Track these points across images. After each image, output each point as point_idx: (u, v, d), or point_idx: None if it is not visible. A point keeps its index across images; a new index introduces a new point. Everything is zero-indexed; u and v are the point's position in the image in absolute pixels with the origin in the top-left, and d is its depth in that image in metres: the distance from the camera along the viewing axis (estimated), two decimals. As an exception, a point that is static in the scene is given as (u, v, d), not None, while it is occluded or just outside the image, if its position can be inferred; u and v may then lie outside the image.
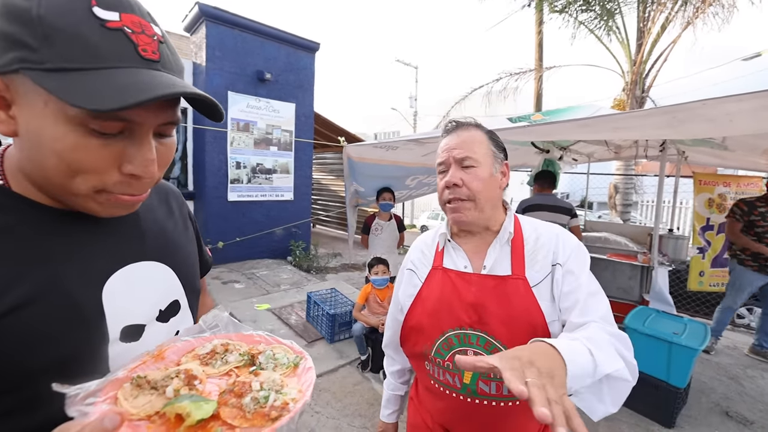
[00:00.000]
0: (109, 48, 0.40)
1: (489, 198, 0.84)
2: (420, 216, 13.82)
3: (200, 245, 0.76)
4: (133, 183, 0.46)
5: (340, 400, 2.50)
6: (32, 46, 0.37)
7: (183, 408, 0.40)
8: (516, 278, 0.81)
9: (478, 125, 0.89)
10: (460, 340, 0.82)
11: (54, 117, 0.39)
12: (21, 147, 0.44)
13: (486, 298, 0.81)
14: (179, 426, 0.39)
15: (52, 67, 0.38)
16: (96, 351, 0.47)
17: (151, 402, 0.42)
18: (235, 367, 0.50)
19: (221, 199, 5.68)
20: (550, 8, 6.90)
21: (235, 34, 5.57)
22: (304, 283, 5.11)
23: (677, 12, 5.79)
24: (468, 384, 0.80)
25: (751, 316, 4.15)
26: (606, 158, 4.64)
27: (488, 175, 0.84)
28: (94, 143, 0.41)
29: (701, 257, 3.30)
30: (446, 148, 0.87)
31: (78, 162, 0.42)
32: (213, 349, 0.52)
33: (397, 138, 3.18)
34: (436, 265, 0.91)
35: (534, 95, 8.05)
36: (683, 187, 3.91)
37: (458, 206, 0.84)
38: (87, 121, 0.40)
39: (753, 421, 2.40)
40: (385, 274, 2.90)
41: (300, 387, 0.47)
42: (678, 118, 1.71)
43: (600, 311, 0.76)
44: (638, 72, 6.19)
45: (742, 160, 3.34)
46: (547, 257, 0.82)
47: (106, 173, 0.44)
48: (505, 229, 0.86)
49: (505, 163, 0.89)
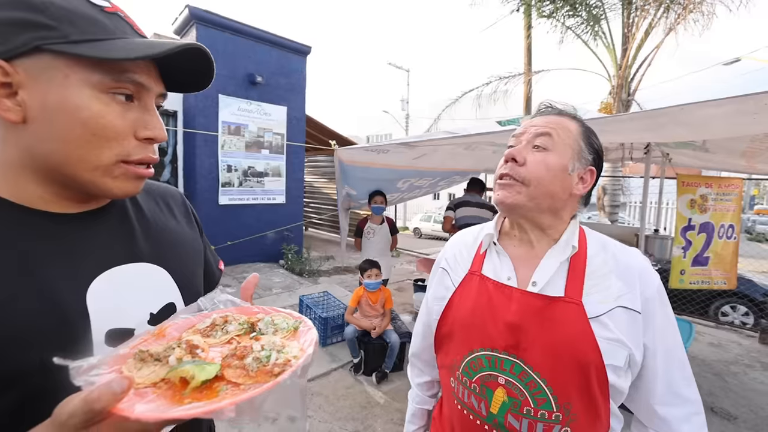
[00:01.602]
0: (113, 25, 0.45)
1: (548, 193, 0.69)
2: (412, 218, 13.86)
3: (207, 256, 0.74)
4: (147, 148, 0.50)
5: (332, 404, 2.50)
6: (51, 25, 0.41)
7: (186, 371, 0.41)
8: (569, 302, 0.66)
9: (575, 116, 0.75)
10: (491, 363, 0.69)
11: (78, 86, 0.43)
12: (30, 133, 0.44)
13: (528, 320, 0.67)
14: (185, 390, 0.40)
15: (78, 39, 0.42)
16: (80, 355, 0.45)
17: (155, 371, 0.43)
18: (236, 335, 0.51)
19: (212, 202, 5.64)
20: (538, 13, 7.02)
21: (226, 37, 5.56)
22: (297, 286, 5.09)
23: (660, 18, 5.95)
24: (495, 414, 0.68)
25: (735, 313, 4.26)
26: (593, 160, 4.73)
27: (559, 167, 0.69)
28: (117, 109, 0.45)
29: (682, 256, 3.38)
30: (527, 124, 0.74)
31: (104, 128, 0.45)
32: (213, 322, 0.53)
33: (388, 141, 3.21)
34: (474, 270, 0.78)
35: (524, 98, 8.17)
36: (668, 188, 4.01)
37: (508, 183, 0.70)
38: (109, 86, 0.44)
39: (737, 416, 2.47)
40: (377, 277, 2.92)
41: (301, 346, 0.48)
42: (658, 122, 1.76)
43: (694, 407, 0.68)
44: (624, 76, 6.33)
45: (723, 162, 3.44)
46: (612, 288, 0.67)
47: (126, 139, 0.47)
48: (568, 242, 0.71)
49: (590, 169, 0.73)
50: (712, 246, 3.46)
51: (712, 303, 4.35)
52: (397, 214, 10.02)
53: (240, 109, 5.76)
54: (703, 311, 4.38)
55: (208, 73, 0.53)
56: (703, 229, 3.38)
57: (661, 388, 0.67)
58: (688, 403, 0.68)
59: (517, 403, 0.66)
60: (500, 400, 0.67)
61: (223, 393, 0.40)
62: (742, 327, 4.11)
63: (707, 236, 3.44)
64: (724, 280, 3.55)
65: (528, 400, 0.65)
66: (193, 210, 0.74)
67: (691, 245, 3.36)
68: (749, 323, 4.15)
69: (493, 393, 0.68)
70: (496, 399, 0.68)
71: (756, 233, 14.42)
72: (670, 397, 0.67)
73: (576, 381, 0.64)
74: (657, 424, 0.69)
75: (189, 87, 0.56)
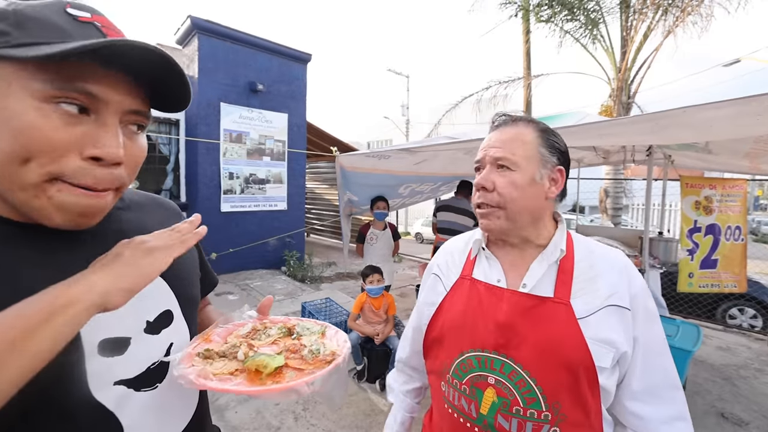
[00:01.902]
0: (78, 32, 0.42)
1: (525, 207, 0.72)
2: (414, 223, 13.84)
3: (202, 259, 0.74)
4: (95, 170, 0.43)
5: (335, 412, 2.47)
6: (4, 31, 0.39)
7: (261, 361, 0.51)
8: (558, 302, 0.68)
9: (530, 121, 0.77)
10: (481, 363, 0.70)
11: (18, 95, 0.39)
12: None
13: (518, 319, 0.69)
14: (257, 378, 0.50)
15: (20, 42, 0.39)
16: (70, 366, 0.44)
17: (226, 365, 0.52)
18: (278, 338, 0.60)
19: (214, 210, 5.65)
20: (537, 18, 7.07)
21: (227, 46, 5.61)
22: (299, 293, 5.07)
23: (658, 21, 5.97)
24: (485, 415, 0.69)
25: (743, 316, 4.21)
26: (595, 163, 4.72)
27: (527, 182, 0.71)
28: (56, 122, 0.40)
29: (690, 259, 3.35)
30: (485, 146, 0.76)
31: (32, 141, 0.39)
32: (254, 327, 0.62)
33: (388, 147, 3.21)
34: (465, 274, 0.80)
35: (523, 103, 8.19)
36: (671, 190, 3.99)
37: (487, 212, 0.74)
38: (51, 94, 0.40)
39: (748, 421, 2.42)
40: (379, 283, 2.90)
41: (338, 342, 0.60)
42: (660, 125, 1.76)
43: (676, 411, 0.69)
44: (623, 79, 6.34)
45: (726, 163, 3.42)
46: (601, 290, 0.69)
47: (64, 157, 0.41)
48: (556, 246, 0.73)
49: (558, 169, 0.74)
50: (719, 248, 3.42)
51: (719, 306, 4.29)
52: (398, 219, 10.02)
53: (241, 116, 5.80)
54: (710, 314, 4.33)
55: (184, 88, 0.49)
56: (710, 231, 3.35)
57: (638, 384, 0.68)
58: (667, 405, 0.68)
59: (506, 403, 0.67)
60: (490, 400, 0.68)
61: (290, 377, 0.50)
62: (751, 330, 4.06)
63: (714, 238, 3.41)
64: (734, 282, 3.51)
65: (517, 399, 0.66)
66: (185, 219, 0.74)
67: (698, 248, 3.33)
68: (758, 326, 4.09)
69: (483, 393, 0.69)
70: (485, 399, 0.69)
71: (762, 234, 14.32)
72: (649, 396, 0.68)
73: (565, 380, 0.65)
74: (631, 421, 0.69)
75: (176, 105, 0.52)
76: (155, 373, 0.53)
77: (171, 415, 0.56)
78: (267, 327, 0.63)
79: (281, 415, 2.42)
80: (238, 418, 2.37)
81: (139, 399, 0.51)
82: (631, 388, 0.68)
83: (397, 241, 3.76)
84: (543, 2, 6.73)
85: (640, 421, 0.69)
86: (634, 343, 0.67)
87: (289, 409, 2.49)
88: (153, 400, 0.53)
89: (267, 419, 2.37)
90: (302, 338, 0.61)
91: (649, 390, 0.68)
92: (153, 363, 0.53)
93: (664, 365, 0.70)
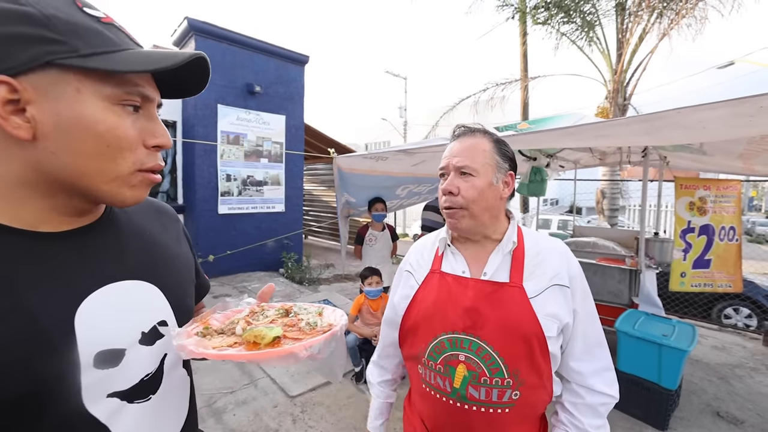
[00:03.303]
0: (114, 37, 0.46)
1: (486, 207, 0.84)
2: (412, 225, 13.85)
3: (197, 265, 0.74)
4: (157, 155, 0.51)
5: (334, 414, 2.46)
6: (58, 39, 0.40)
7: (259, 332, 0.51)
8: (513, 286, 0.81)
9: (486, 132, 0.89)
10: (453, 344, 0.82)
11: (91, 100, 0.43)
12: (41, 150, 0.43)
13: (481, 303, 0.81)
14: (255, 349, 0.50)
15: (88, 52, 0.42)
16: (65, 378, 0.44)
17: (225, 339, 0.53)
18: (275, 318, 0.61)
19: (211, 212, 5.64)
20: (533, 21, 7.11)
21: (224, 47, 5.61)
22: (297, 295, 5.06)
23: (653, 23, 6.02)
24: (458, 388, 0.81)
25: (738, 316, 4.24)
26: (592, 164, 4.75)
27: (486, 185, 0.83)
28: (129, 121, 0.46)
29: (682, 259, 3.38)
30: (449, 155, 0.87)
31: (119, 140, 0.45)
32: (251, 309, 0.62)
33: (386, 149, 3.22)
34: (434, 269, 0.91)
35: (520, 104, 8.23)
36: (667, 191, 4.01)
37: (453, 213, 0.85)
38: (120, 98, 0.45)
39: (743, 420, 2.44)
40: (378, 285, 2.90)
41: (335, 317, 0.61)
42: (655, 126, 1.77)
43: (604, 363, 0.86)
44: (619, 80, 6.39)
45: (720, 164, 3.45)
46: (547, 272, 0.83)
47: (138, 149, 0.48)
48: (509, 239, 0.86)
49: (510, 173, 0.88)
50: (713, 248, 3.45)
51: (714, 306, 4.32)
52: (396, 220, 10.02)
53: (239, 118, 5.80)
54: (706, 314, 4.36)
55: (203, 80, 0.54)
56: (703, 231, 3.38)
57: (579, 347, 0.84)
58: (598, 360, 0.85)
59: (475, 375, 0.79)
60: (461, 375, 0.80)
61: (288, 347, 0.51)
62: (746, 329, 4.09)
63: (707, 239, 3.44)
64: (729, 282, 3.54)
65: (484, 371, 0.79)
66: (183, 227, 0.73)
67: (691, 248, 3.36)
68: (752, 325, 4.12)
69: (455, 370, 0.81)
70: (458, 375, 0.81)
71: (756, 235, 14.43)
72: (586, 354, 0.84)
73: (522, 350, 0.78)
74: (574, 377, 0.85)
75: (180, 93, 0.56)
76: (149, 384, 0.53)
77: (163, 425, 0.56)
78: (264, 309, 0.63)
79: (279, 417, 2.42)
80: (236, 421, 2.36)
81: (131, 411, 0.50)
82: (574, 350, 0.84)
83: (396, 242, 3.76)
84: (540, 5, 6.77)
85: (579, 376, 0.85)
86: (574, 315, 0.82)
87: (288, 411, 2.48)
88: (146, 411, 0.52)
89: (265, 421, 2.37)
90: (299, 315, 0.61)
91: (586, 349, 0.84)
92: (147, 374, 0.53)
93: (595, 329, 0.86)
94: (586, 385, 0.84)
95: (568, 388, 0.87)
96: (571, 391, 0.87)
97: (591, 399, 0.84)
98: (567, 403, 0.87)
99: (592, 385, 0.84)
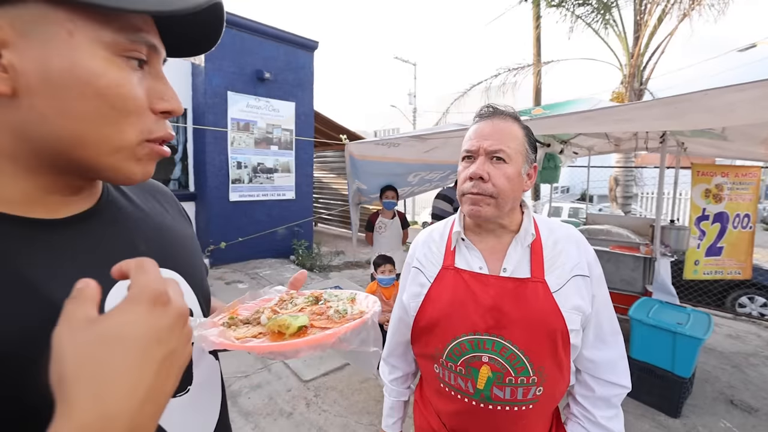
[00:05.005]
0: None
1: (512, 198, 0.78)
2: (421, 213, 13.83)
3: None
4: (165, 123, 0.42)
5: (347, 398, 2.52)
6: None
7: (284, 320, 0.47)
8: (536, 281, 0.77)
9: (517, 117, 0.82)
10: (474, 345, 0.77)
11: (88, 48, 0.33)
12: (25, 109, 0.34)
13: (504, 301, 0.76)
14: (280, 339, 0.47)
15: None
16: None
17: (250, 329, 0.49)
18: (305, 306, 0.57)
19: (223, 199, 5.68)
20: (547, 3, 6.90)
21: (234, 33, 5.56)
22: (308, 282, 5.12)
23: (674, 4, 5.80)
24: (482, 389, 0.77)
25: (752, 305, 4.18)
26: (606, 151, 4.66)
27: (516, 174, 0.77)
28: (134, 77, 0.37)
29: (696, 246, 3.34)
30: (478, 135, 0.79)
31: (125, 100, 0.36)
32: (280, 298, 0.59)
33: (398, 135, 3.19)
34: (447, 265, 0.85)
35: (533, 90, 8.05)
36: (683, 179, 3.92)
37: (478, 200, 0.77)
38: (124, 47, 0.35)
39: (758, 408, 2.43)
40: (391, 273, 2.92)
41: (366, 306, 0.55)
42: (679, 109, 1.72)
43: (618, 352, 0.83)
44: (636, 65, 6.20)
45: (740, 150, 3.36)
46: (567, 263, 0.79)
47: (145, 114, 0.39)
48: (527, 231, 0.81)
49: (534, 166, 0.83)
50: (726, 236, 3.41)
51: (728, 294, 4.27)
52: (406, 208, 10.01)
53: (249, 105, 5.78)
54: (720, 303, 4.31)
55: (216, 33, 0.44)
56: (718, 219, 3.33)
57: (593, 334, 0.81)
58: (611, 349, 0.82)
59: (500, 376, 0.76)
60: (485, 376, 0.77)
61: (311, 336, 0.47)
62: (761, 318, 4.04)
63: (721, 226, 3.38)
64: (739, 270, 3.49)
65: (509, 371, 0.75)
66: (182, 207, 0.67)
67: (705, 235, 3.32)
68: (767, 314, 4.07)
69: (478, 372, 0.77)
70: (481, 376, 0.77)
71: (772, 223, 14.08)
72: (599, 342, 0.81)
73: (547, 346, 0.75)
74: (586, 366, 0.82)
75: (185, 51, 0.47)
76: (185, 376, 0.50)
77: (204, 414, 0.56)
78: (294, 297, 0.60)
79: (293, 401, 2.48)
80: (251, 404, 2.43)
81: (175, 404, 0.49)
82: (588, 338, 0.81)
83: (406, 229, 3.77)
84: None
85: (592, 364, 0.82)
86: (592, 300, 0.79)
87: (301, 395, 2.54)
88: (187, 403, 0.51)
89: (279, 405, 2.43)
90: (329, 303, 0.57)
91: (600, 337, 0.81)
92: None
93: (609, 316, 0.82)
94: (597, 376, 0.82)
95: (580, 380, 0.85)
96: (582, 383, 0.84)
97: (602, 391, 0.81)
98: (579, 396, 0.85)
99: (603, 377, 0.81)
